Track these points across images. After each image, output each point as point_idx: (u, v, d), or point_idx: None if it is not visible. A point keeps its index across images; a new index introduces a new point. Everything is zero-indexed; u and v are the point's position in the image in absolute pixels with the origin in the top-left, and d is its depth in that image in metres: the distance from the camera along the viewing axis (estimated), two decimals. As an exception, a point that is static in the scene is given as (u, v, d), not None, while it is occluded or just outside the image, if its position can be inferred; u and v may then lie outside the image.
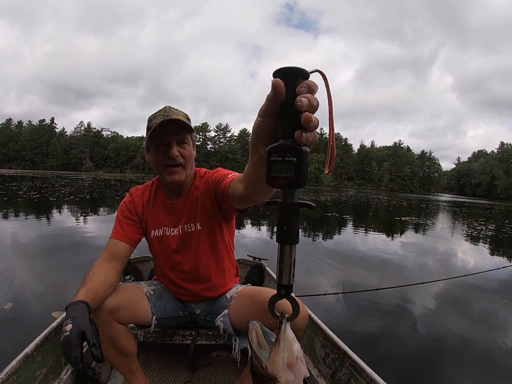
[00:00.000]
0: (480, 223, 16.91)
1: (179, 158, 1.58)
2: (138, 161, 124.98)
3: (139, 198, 1.81)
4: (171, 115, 1.57)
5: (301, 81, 0.57)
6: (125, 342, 1.64)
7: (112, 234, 1.69)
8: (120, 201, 1.80)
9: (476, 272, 5.03)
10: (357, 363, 1.64)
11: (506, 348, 3.25)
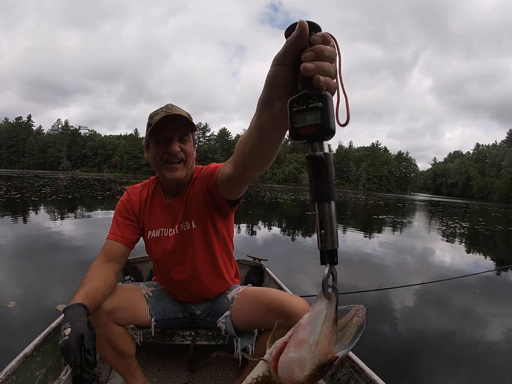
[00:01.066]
0: (455, 221, 17.54)
1: (180, 153, 1.56)
2: (116, 160, 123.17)
3: (137, 196, 1.79)
4: (173, 112, 1.53)
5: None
6: (123, 343, 1.64)
7: (109, 234, 1.69)
8: (101, 201, 1.90)
9: (475, 273, 5.12)
10: (356, 364, 1.65)
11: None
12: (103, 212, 11.61)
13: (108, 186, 29.00)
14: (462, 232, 13.14)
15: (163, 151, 1.55)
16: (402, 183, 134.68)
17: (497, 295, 5.03)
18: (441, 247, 9.07)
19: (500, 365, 3.04)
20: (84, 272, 1.51)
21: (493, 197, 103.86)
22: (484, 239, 12.07)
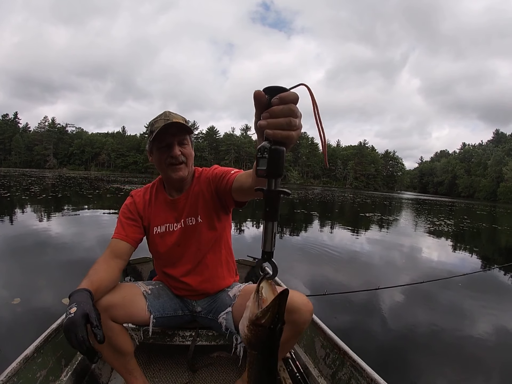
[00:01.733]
0: (440, 219, 17.83)
1: (181, 156, 1.67)
2: (103, 158, 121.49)
3: (140, 198, 1.87)
4: (171, 119, 1.64)
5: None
6: (120, 341, 1.66)
7: (114, 234, 1.76)
8: (92, 199, 1.97)
9: (474, 272, 5.25)
10: (357, 363, 1.66)
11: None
12: (94, 211, 11.71)
13: (97, 184, 28.85)
14: (448, 229, 13.40)
15: (166, 156, 1.66)
16: (389, 181, 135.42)
17: (491, 293, 5.11)
18: (427, 245, 9.31)
19: (489, 358, 3.15)
20: (83, 268, 1.62)
21: (479, 195, 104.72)
22: (469, 236, 12.36)
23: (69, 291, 1.33)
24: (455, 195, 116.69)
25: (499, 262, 7.91)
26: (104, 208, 12.74)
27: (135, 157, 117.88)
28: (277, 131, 0.74)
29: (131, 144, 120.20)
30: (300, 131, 0.78)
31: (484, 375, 2.92)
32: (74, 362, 1.88)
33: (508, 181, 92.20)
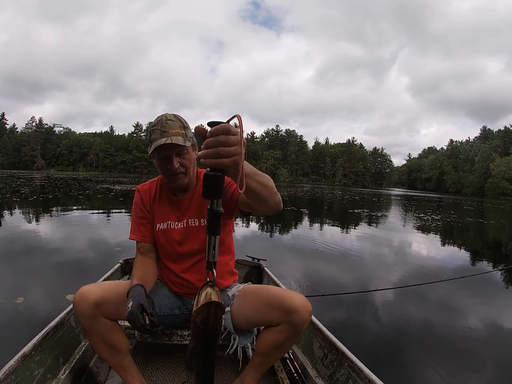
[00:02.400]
0: (427, 214, 18.11)
1: (179, 168, 1.68)
2: (92, 159, 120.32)
3: (146, 194, 1.91)
4: (167, 130, 1.62)
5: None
6: (114, 337, 1.67)
7: (133, 236, 1.87)
8: (83, 200, 2.03)
9: (474, 274, 5.07)
10: (355, 364, 1.66)
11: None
12: (87, 211, 11.78)
13: (86, 185, 28.74)
14: (436, 225, 13.62)
15: (166, 168, 1.69)
16: (378, 178, 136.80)
17: (489, 294, 5.12)
18: (420, 242, 9.48)
19: (489, 360, 3.15)
20: (83, 265, 1.74)
21: (466, 191, 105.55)
22: (458, 232, 12.65)
23: (72, 288, 1.50)
24: (443, 191, 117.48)
25: (487, 257, 8.14)
26: (96, 208, 12.81)
27: (124, 157, 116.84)
28: (208, 160, 0.90)
29: (119, 144, 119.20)
30: (238, 157, 0.90)
31: (485, 375, 2.93)
32: (72, 360, 1.90)
33: (495, 176, 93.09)
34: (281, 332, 1.59)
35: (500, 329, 3.78)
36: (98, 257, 5.57)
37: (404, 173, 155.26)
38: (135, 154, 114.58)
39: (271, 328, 1.63)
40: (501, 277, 5.99)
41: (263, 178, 1.21)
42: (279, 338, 1.61)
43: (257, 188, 1.18)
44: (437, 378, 2.77)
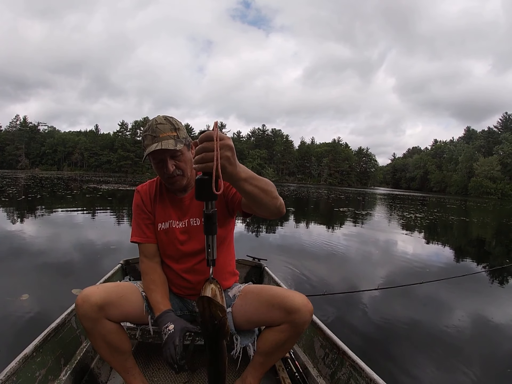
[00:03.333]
0: (411, 212, 18.34)
1: (175, 171, 1.67)
2: (76, 158, 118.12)
3: (147, 194, 1.88)
4: (158, 134, 1.61)
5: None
6: (117, 339, 1.66)
7: (136, 238, 1.84)
8: (71, 199, 2.06)
9: (475, 272, 5.29)
10: (356, 363, 1.65)
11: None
12: (78, 211, 11.79)
13: (73, 185, 28.49)
14: (419, 223, 13.91)
15: (162, 172, 1.69)
16: (363, 177, 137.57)
17: (488, 293, 5.13)
18: (402, 238, 9.76)
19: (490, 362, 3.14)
20: (83, 264, 1.81)
21: (450, 190, 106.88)
22: (441, 229, 13.00)
23: (75, 283, 1.62)
24: (427, 190, 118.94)
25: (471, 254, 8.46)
26: (86, 208, 12.79)
27: (109, 156, 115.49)
28: (196, 165, 1.04)
29: (104, 143, 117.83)
30: (222, 160, 1.02)
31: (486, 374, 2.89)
32: (73, 361, 1.90)
33: (479, 176, 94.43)
34: (282, 332, 1.61)
35: (497, 326, 3.85)
36: (97, 254, 5.71)
37: (388, 172, 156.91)
38: (121, 153, 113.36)
39: (272, 328, 1.65)
40: (498, 275, 6.03)
41: (261, 183, 1.25)
42: (280, 338, 1.63)
43: (255, 192, 1.23)
44: (437, 375, 2.79)
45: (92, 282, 1.93)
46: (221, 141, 1.02)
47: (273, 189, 1.32)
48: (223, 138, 1.04)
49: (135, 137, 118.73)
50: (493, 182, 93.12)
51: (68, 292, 3.81)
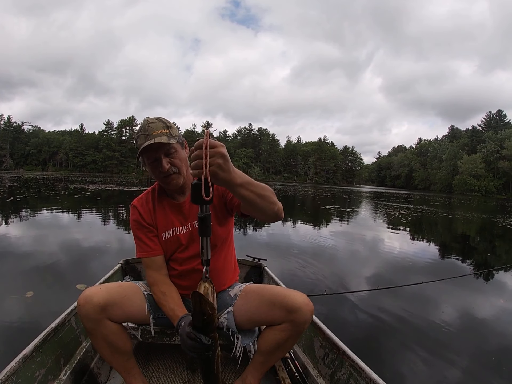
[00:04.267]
0: (395, 209, 18.48)
1: (170, 168, 1.65)
2: (61, 158, 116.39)
3: (145, 208, 1.84)
4: (150, 132, 1.60)
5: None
6: (118, 340, 1.66)
7: (141, 253, 1.82)
8: (60, 200, 2.02)
9: (475, 272, 5.33)
10: (356, 363, 1.65)
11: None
12: (68, 211, 11.89)
13: (60, 185, 28.27)
14: (403, 220, 14.12)
15: (157, 171, 1.66)
16: (348, 176, 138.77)
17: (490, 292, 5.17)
18: (391, 236, 9.99)
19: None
20: (82, 260, 1.89)
21: (435, 188, 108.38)
22: (425, 224, 13.37)
23: (78, 278, 1.71)
24: (412, 187, 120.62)
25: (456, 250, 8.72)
26: (76, 208, 12.92)
27: (94, 155, 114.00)
28: (192, 171, 1.10)
29: (89, 143, 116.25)
30: (214, 167, 1.07)
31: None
32: (73, 361, 1.90)
33: (463, 173, 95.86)
34: (283, 331, 1.62)
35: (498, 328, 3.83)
36: (96, 253, 5.88)
37: (374, 170, 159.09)
38: (106, 153, 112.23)
39: (273, 327, 1.67)
40: (498, 275, 6.02)
41: (258, 188, 1.29)
42: (281, 337, 1.64)
43: (251, 197, 1.27)
44: (437, 375, 2.81)
45: (93, 277, 1.93)
46: (213, 149, 1.07)
47: (270, 195, 1.36)
48: (216, 146, 1.08)
49: (121, 137, 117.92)
50: (477, 179, 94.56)
51: (72, 287, 3.98)
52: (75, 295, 1.83)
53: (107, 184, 32.19)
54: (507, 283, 5.66)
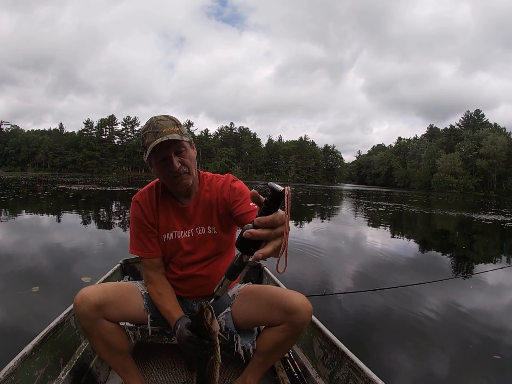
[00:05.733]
0: (373, 206, 19.15)
1: (181, 168, 1.59)
2: (41, 158, 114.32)
3: (147, 204, 1.78)
4: (160, 130, 1.54)
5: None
6: (115, 339, 1.65)
7: (139, 252, 1.78)
8: (45, 200, 1.88)
9: (475, 273, 5.32)
10: (355, 363, 1.64)
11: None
12: (56, 211, 11.95)
13: (42, 186, 27.77)
14: (381, 216, 14.64)
15: (167, 171, 1.59)
16: (329, 174, 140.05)
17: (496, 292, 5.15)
18: (372, 233, 10.32)
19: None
20: (81, 257, 2.10)
21: (414, 185, 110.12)
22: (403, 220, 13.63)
23: (83, 272, 1.86)
24: (392, 185, 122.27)
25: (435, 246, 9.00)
26: (64, 208, 12.97)
27: (74, 155, 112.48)
28: (256, 235, 0.85)
29: (69, 142, 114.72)
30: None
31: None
32: (72, 361, 1.90)
33: (441, 171, 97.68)
34: (282, 332, 1.61)
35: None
36: (93, 251, 6.13)
37: (354, 169, 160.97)
38: (86, 153, 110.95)
39: (272, 328, 1.65)
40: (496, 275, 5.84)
41: None
42: (280, 338, 1.63)
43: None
44: (437, 374, 2.82)
45: (93, 273, 1.97)
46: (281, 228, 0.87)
47: None
48: (283, 224, 0.88)
49: (101, 136, 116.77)
50: (455, 177, 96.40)
51: (78, 280, 4.24)
52: (80, 288, 1.73)
53: (88, 184, 31.89)
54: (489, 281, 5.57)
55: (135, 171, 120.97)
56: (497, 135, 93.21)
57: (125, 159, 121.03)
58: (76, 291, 1.60)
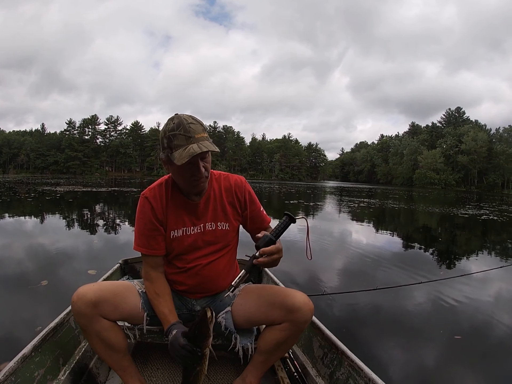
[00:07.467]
0: (355, 202, 19.24)
1: (205, 173, 1.60)
2: (22, 159, 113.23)
3: (157, 201, 1.73)
4: (193, 135, 1.50)
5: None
6: (112, 337, 1.63)
7: (143, 249, 1.74)
8: (33, 202, 1.77)
9: (474, 272, 5.16)
10: (355, 363, 1.64)
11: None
12: (46, 212, 11.97)
13: (26, 188, 27.50)
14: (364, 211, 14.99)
15: (191, 174, 1.58)
16: (313, 172, 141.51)
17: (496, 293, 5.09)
18: (357, 228, 10.61)
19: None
20: (80, 254, 2.16)
21: (396, 181, 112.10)
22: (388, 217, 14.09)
23: (88, 265, 2.17)
24: (374, 182, 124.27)
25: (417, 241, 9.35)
26: (54, 210, 12.95)
27: (56, 156, 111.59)
28: (263, 262, 1.46)
29: (51, 143, 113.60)
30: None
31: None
32: (72, 361, 1.89)
33: (423, 168, 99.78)
34: (283, 331, 1.62)
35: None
36: (94, 247, 6.41)
37: (337, 166, 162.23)
38: (68, 153, 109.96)
39: (273, 327, 1.66)
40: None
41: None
42: (281, 337, 1.63)
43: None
44: (436, 374, 2.82)
45: (97, 265, 2.10)
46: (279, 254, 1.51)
47: None
48: (280, 251, 1.54)
49: (83, 136, 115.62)
50: (437, 173, 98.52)
51: (84, 273, 4.49)
52: (86, 281, 1.79)
53: (73, 185, 31.55)
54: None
55: (118, 171, 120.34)
56: (477, 132, 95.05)
57: (108, 160, 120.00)
58: (82, 284, 1.65)
